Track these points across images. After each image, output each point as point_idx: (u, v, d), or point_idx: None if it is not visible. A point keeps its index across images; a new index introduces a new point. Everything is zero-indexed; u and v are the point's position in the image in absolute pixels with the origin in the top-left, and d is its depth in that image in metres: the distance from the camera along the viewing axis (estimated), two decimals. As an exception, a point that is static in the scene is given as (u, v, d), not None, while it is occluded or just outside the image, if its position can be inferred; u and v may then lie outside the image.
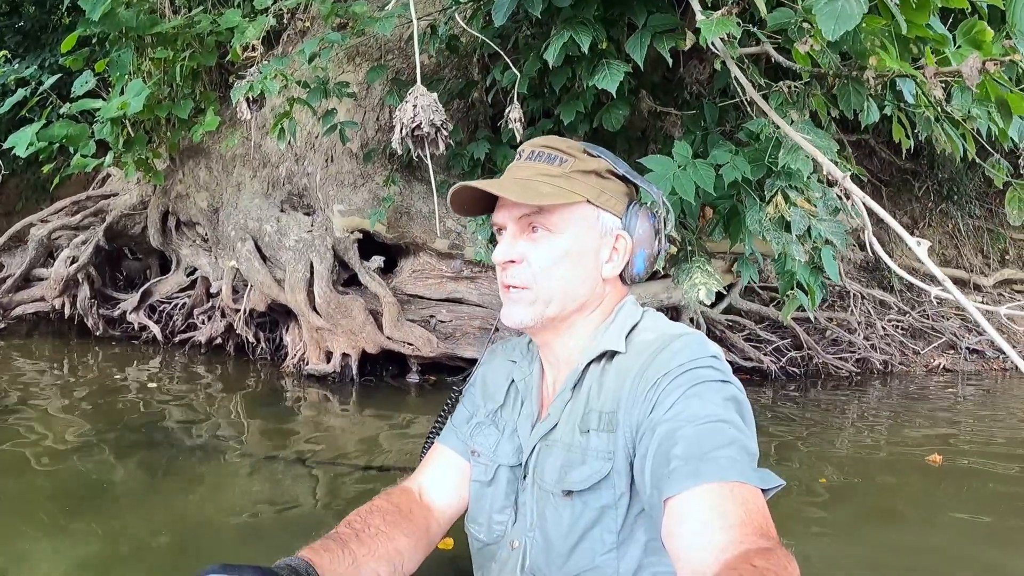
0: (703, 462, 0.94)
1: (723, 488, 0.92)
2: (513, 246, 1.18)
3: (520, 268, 1.17)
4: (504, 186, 1.16)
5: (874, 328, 4.87)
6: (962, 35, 1.69)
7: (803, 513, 2.26)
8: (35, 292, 5.13)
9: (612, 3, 2.61)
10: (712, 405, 1.01)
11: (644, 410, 1.06)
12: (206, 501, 2.23)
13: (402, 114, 2.21)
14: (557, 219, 1.16)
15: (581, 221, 1.18)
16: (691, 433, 0.98)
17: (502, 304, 1.22)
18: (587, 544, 1.12)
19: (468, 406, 1.39)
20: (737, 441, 0.97)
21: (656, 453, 1.00)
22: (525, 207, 1.16)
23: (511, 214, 1.19)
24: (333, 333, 3.93)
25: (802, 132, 1.88)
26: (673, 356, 1.09)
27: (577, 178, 1.17)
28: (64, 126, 3.97)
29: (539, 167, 1.18)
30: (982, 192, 6.18)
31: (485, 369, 1.41)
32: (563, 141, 1.22)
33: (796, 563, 0.82)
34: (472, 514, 1.32)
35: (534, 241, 1.17)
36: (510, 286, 1.19)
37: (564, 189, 1.15)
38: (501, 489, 1.26)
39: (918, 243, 1.34)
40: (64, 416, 3.10)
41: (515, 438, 1.27)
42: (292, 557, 1.00)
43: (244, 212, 4.32)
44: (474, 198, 1.23)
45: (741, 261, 2.77)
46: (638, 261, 1.23)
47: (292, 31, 4.60)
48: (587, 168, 1.19)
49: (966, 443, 3.16)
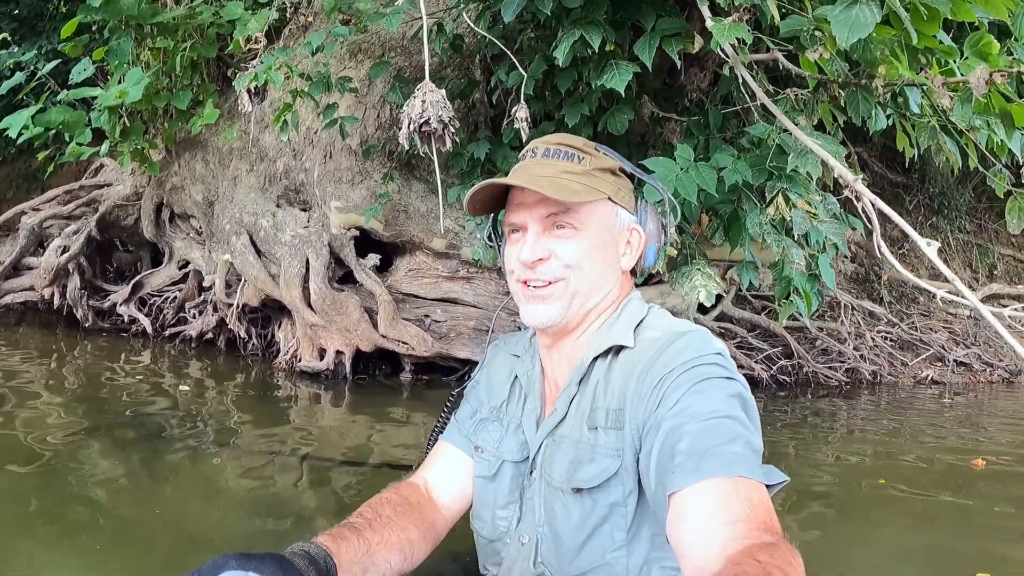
0: (707, 457, 0.95)
1: (727, 483, 0.92)
2: (540, 244, 1.17)
3: (549, 264, 1.17)
4: (540, 184, 1.14)
5: (864, 339, 4.92)
6: (969, 47, 1.72)
7: (804, 515, 2.28)
8: (24, 281, 5.08)
9: (620, 6, 2.63)
10: (717, 401, 1.02)
11: (650, 407, 1.07)
12: (195, 497, 2.19)
13: (410, 109, 2.20)
14: (583, 216, 1.17)
15: (603, 217, 1.19)
16: (695, 429, 0.98)
17: (522, 303, 1.21)
18: (597, 541, 1.13)
19: (472, 402, 1.39)
20: (741, 437, 0.98)
21: (661, 449, 1.01)
22: (551, 205, 1.15)
23: (535, 213, 1.17)
24: (327, 330, 3.91)
25: (811, 137, 1.90)
26: (678, 353, 1.10)
27: (598, 175, 1.19)
28: (61, 112, 3.93)
29: (561, 164, 1.19)
30: (972, 207, 6.27)
31: (489, 364, 1.41)
32: (577, 139, 1.23)
33: (800, 558, 0.83)
34: (476, 510, 1.32)
35: (560, 238, 1.17)
36: (535, 283, 1.18)
37: (590, 187, 1.16)
38: (505, 485, 1.26)
39: (928, 244, 1.36)
40: (51, 408, 3.05)
41: (519, 433, 1.27)
42: (309, 543, 1.00)
43: (240, 206, 4.29)
44: (486, 198, 1.23)
45: (740, 266, 2.79)
46: (649, 254, 1.26)
47: (294, 26, 4.59)
48: (604, 166, 1.21)
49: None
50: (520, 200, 1.19)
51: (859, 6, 1.52)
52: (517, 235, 1.21)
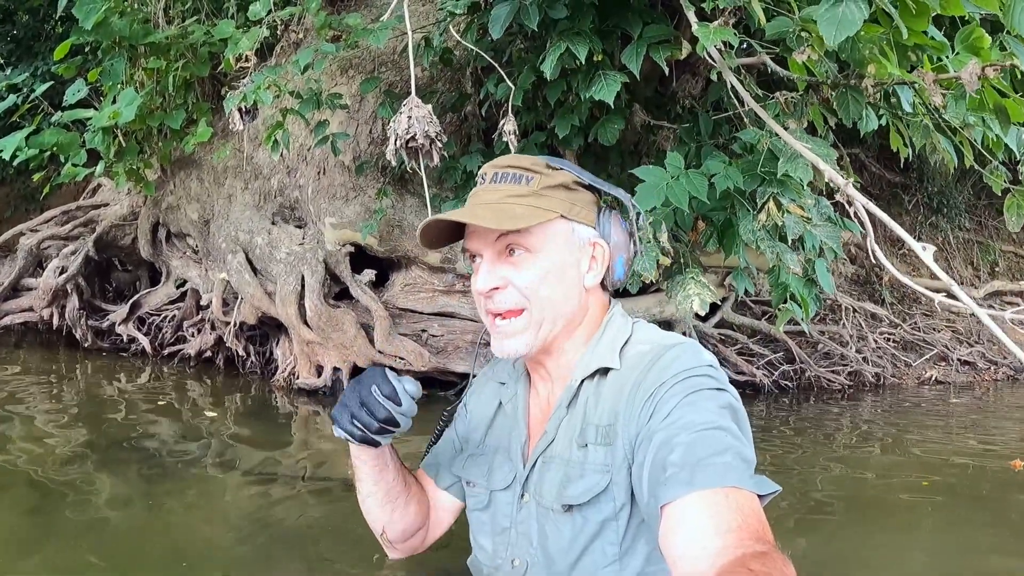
0: (699, 468, 0.95)
1: (719, 494, 0.92)
2: (493, 272, 1.16)
3: (506, 293, 1.16)
4: (476, 214, 1.14)
5: (866, 341, 4.89)
6: (960, 42, 1.70)
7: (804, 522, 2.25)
8: (23, 302, 5.08)
9: (607, 15, 2.62)
10: (708, 413, 1.02)
11: (642, 420, 1.07)
12: (194, 515, 2.19)
13: (396, 125, 2.19)
14: (534, 238, 1.14)
15: (557, 236, 1.16)
16: (687, 440, 0.98)
17: (492, 336, 1.20)
18: (589, 559, 1.12)
19: (460, 433, 1.40)
20: (733, 448, 0.98)
21: (653, 461, 1.00)
22: (500, 231, 1.14)
23: (485, 240, 1.16)
24: (324, 347, 3.89)
25: (800, 141, 1.88)
26: (669, 366, 1.09)
27: (547, 194, 1.16)
28: (55, 134, 3.94)
29: (507, 188, 1.16)
30: (971, 205, 6.25)
31: (474, 397, 1.41)
32: (525, 158, 1.20)
33: (792, 567, 0.82)
34: (475, 538, 1.33)
35: (514, 264, 1.15)
36: (496, 314, 1.17)
37: (536, 208, 1.14)
38: (500, 511, 1.26)
39: (923, 248, 1.34)
40: (51, 428, 3.05)
41: (507, 460, 1.27)
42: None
43: (235, 224, 4.29)
44: (443, 229, 1.21)
45: (736, 273, 2.77)
46: (617, 267, 1.23)
47: (286, 43, 4.60)
48: (554, 183, 1.17)
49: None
50: (473, 228, 1.18)
51: (846, 3, 1.50)
52: (477, 262, 1.20)
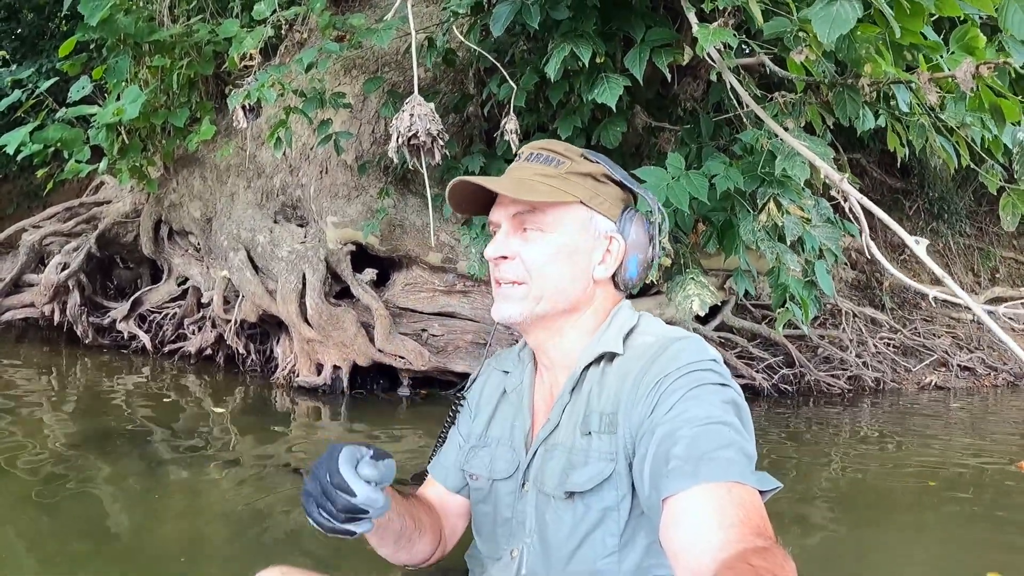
0: (701, 462, 0.95)
1: (721, 488, 0.92)
2: (506, 243, 1.20)
3: (512, 264, 1.19)
4: (499, 182, 1.19)
5: (866, 346, 4.88)
6: (955, 41, 1.72)
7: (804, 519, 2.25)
8: (25, 298, 5.10)
9: (610, 17, 2.63)
10: (711, 407, 1.03)
11: (644, 412, 1.07)
12: (192, 510, 2.20)
13: (399, 123, 2.20)
14: (550, 219, 1.18)
15: (574, 221, 1.19)
16: (690, 434, 0.99)
17: (494, 298, 1.24)
18: (588, 548, 1.12)
19: (463, 429, 1.40)
20: (735, 443, 0.98)
21: (655, 454, 1.01)
22: (519, 205, 1.18)
23: (506, 211, 1.21)
24: (324, 345, 3.90)
25: (799, 140, 1.89)
26: (673, 358, 1.10)
27: (572, 179, 1.19)
28: (59, 129, 3.96)
29: (536, 168, 1.21)
30: (972, 211, 6.24)
31: (478, 388, 1.41)
32: (562, 144, 1.25)
33: (793, 562, 0.82)
34: (477, 531, 1.34)
35: (526, 240, 1.19)
36: (501, 281, 1.21)
37: (558, 189, 1.17)
38: (501, 501, 1.26)
39: (916, 241, 1.35)
40: (51, 424, 3.06)
41: (509, 450, 1.27)
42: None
43: (237, 222, 4.30)
44: (473, 197, 1.25)
45: (736, 274, 2.77)
46: (631, 266, 1.24)
47: (290, 43, 4.61)
48: (583, 171, 1.21)
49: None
50: (500, 199, 1.23)
51: (840, 2, 1.51)
52: (495, 231, 1.24)
